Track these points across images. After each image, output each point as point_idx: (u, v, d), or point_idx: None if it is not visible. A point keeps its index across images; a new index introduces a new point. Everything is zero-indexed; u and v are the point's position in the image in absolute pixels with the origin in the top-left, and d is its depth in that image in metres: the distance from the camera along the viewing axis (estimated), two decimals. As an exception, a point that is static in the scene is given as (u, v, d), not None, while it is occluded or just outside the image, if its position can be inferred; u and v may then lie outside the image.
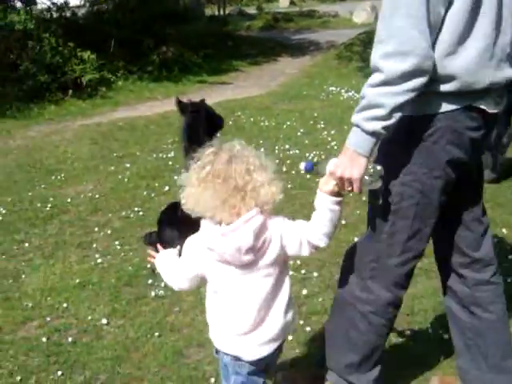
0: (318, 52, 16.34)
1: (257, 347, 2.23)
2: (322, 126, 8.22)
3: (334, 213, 2.23)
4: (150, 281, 4.20)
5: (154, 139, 8.09)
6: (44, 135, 8.61)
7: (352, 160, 2.19)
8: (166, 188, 6.08)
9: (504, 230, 4.66)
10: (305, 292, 3.94)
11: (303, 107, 9.23)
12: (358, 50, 14.43)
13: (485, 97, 2.25)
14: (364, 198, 5.35)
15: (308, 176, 6.14)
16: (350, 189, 2.23)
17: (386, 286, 2.57)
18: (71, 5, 15.95)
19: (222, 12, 24.53)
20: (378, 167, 2.26)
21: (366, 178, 2.23)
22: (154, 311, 3.86)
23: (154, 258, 2.43)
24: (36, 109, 10.31)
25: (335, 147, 7.11)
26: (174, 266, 2.33)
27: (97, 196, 5.97)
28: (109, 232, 5.08)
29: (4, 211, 5.69)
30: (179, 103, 4.54)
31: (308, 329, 3.56)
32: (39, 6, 14.08)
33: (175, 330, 3.66)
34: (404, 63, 2.04)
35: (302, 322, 3.62)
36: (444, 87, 2.19)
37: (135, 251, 4.71)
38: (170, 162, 6.93)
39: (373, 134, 2.15)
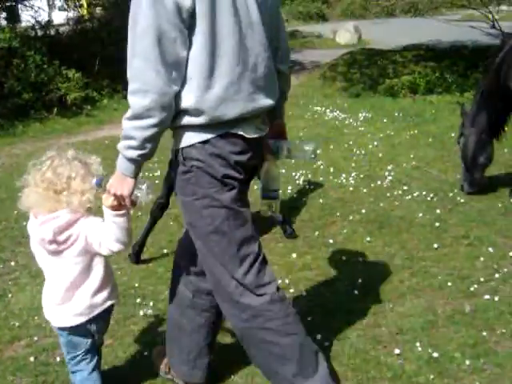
0: (301, 72, 16.40)
1: (66, 317, 2.80)
2: (308, 145, 8.21)
3: (117, 224, 2.61)
4: (138, 300, 4.18)
5: (140, 158, 8.05)
6: (28, 153, 8.55)
7: (121, 180, 2.50)
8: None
9: (490, 249, 4.69)
10: (294, 311, 3.94)
11: (288, 127, 9.07)
12: (342, 71, 14.51)
13: (243, 124, 2.52)
14: (351, 217, 5.40)
15: (295, 197, 6.17)
16: (126, 203, 2.56)
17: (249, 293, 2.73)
18: (55, 23, 15.96)
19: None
20: (146, 184, 2.60)
21: (138, 194, 2.58)
22: (143, 330, 3.84)
23: None
24: (21, 126, 10.28)
25: (321, 167, 7.14)
26: None
27: (83, 214, 5.93)
28: (96, 251, 5.05)
29: (-10, 229, 5.66)
30: None
31: (297, 348, 3.54)
32: (23, 24, 14.08)
33: (164, 349, 3.63)
34: (144, 100, 2.30)
35: (291, 341, 3.61)
36: (197, 120, 2.44)
37: (122, 270, 4.69)
38: (157, 181, 6.89)
39: (131, 160, 2.44)
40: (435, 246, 4.80)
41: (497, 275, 4.33)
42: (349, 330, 3.72)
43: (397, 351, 3.47)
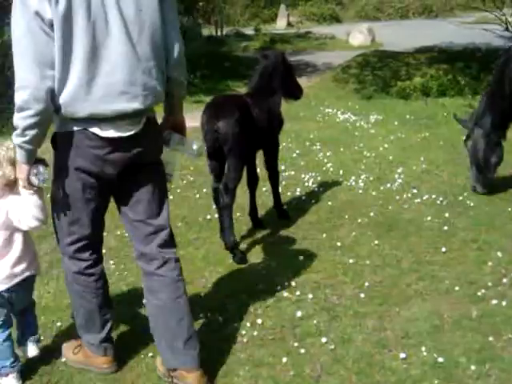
0: (314, 73, 16.38)
1: None
2: (318, 147, 8.22)
3: (30, 202, 3.03)
4: (144, 300, 4.17)
5: (150, 158, 8.06)
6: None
7: (19, 166, 2.97)
8: (162, 207, 6.06)
9: (499, 254, 4.67)
10: (299, 314, 3.93)
11: (299, 128, 9.24)
12: (355, 73, 14.50)
13: (100, 124, 2.89)
14: (359, 220, 5.38)
15: (304, 199, 6.17)
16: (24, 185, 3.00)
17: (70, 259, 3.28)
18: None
19: (219, 33, 24.66)
20: (40, 169, 2.98)
21: (33, 177, 2.96)
22: (148, 331, 3.82)
23: None
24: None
25: (331, 169, 7.12)
26: None
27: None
28: (104, 251, 5.04)
29: None
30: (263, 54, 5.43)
31: (302, 351, 3.55)
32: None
33: (169, 350, 3.63)
34: (23, 94, 2.72)
35: (296, 344, 3.62)
36: (61, 113, 2.85)
37: (130, 270, 4.69)
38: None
39: (19, 147, 2.87)
40: (443, 249, 4.78)
41: (505, 280, 4.31)
42: (354, 334, 3.71)
43: (402, 355, 3.45)
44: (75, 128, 2.90)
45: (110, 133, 2.91)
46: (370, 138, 8.69)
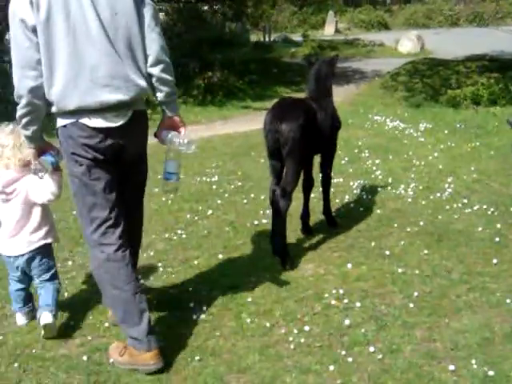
0: (362, 81, 16.31)
1: (12, 248, 3.86)
2: (367, 154, 8.17)
3: (47, 177, 3.70)
4: (191, 304, 4.20)
5: (198, 163, 8.12)
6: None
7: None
8: (210, 212, 6.11)
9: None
10: (347, 322, 3.89)
11: (348, 136, 9.19)
12: (404, 80, 14.37)
13: (89, 115, 3.27)
14: (408, 229, 5.32)
15: (353, 206, 6.13)
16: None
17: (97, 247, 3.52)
18: None
19: (267, 38, 24.72)
20: (47, 159, 3.55)
21: (37, 171, 3.59)
22: (195, 335, 3.85)
23: None
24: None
25: (380, 176, 7.06)
26: None
27: (140, 217, 6.01)
28: (151, 253, 5.11)
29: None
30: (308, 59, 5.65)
31: (350, 359, 3.51)
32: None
33: (216, 354, 3.64)
34: (15, 91, 3.23)
35: (343, 353, 3.58)
36: (54, 109, 3.30)
37: (177, 274, 4.72)
38: (214, 186, 6.96)
39: (25, 136, 3.48)
40: (494, 261, 4.69)
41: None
42: (403, 344, 3.65)
43: (451, 367, 3.38)
44: (69, 121, 3.31)
45: (99, 123, 3.30)
46: (419, 147, 8.59)
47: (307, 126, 4.71)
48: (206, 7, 17.72)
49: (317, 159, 5.43)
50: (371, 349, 3.58)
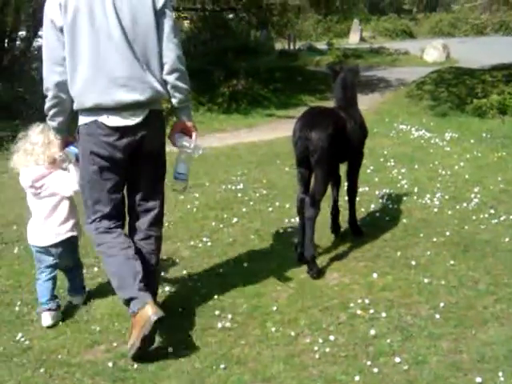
0: (387, 89, 16.27)
1: (40, 239, 4.15)
2: (392, 163, 8.14)
3: (72, 168, 4.02)
4: (216, 312, 4.20)
5: (224, 170, 8.16)
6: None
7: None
8: (235, 220, 6.12)
9: None
10: (372, 332, 3.87)
11: (373, 144, 9.16)
12: (430, 89, 14.30)
13: (107, 113, 3.57)
14: (435, 239, 5.28)
15: (378, 215, 6.11)
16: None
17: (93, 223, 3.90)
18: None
19: (292, 47, 24.75)
20: (71, 150, 3.89)
21: (61, 161, 3.95)
22: (220, 342, 3.85)
23: None
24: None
25: (405, 186, 7.03)
26: None
27: (166, 224, 6.02)
28: (177, 260, 5.13)
29: (75, 235, 5.82)
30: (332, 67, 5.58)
31: (375, 370, 3.48)
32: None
33: (241, 362, 3.63)
34: (43, 85, 3.65)
35: (369, 363, 3.55)
36: (75, 106, 3.65)
37: (202, 281, 4.73)
38: (239, 194, 6.97)
39: (52, 128, 3.87)
40: (521, 272, 4.65)
41: None
42: (429, 355, 3.62)
43: (478, 380, 3.34)
44: (89, 120, 3.62)
45: (117, 121, 3.59)
46: (445, 156, 8.54)
47: (336, 135, 4.72)
48: (231, 15, 17.80)
49: (343, 167, 5.42)
50: (397, 359, 3.56)
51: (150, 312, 3.53)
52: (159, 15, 3.60)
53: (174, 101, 3.79)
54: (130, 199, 3.98)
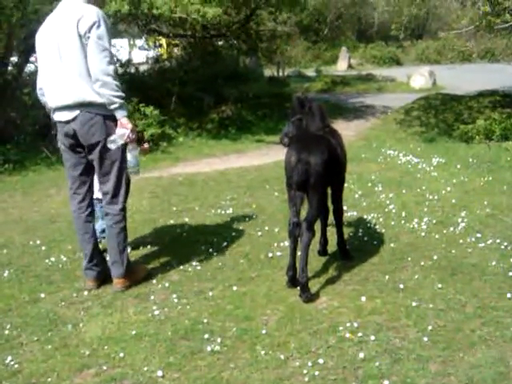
0: (375, 115, 16.40)
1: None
2: (380, 188, 8.20)
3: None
4: (206, 335, 4.21)
5: (213, 195, 8.20)
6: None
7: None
8: (224, 244, 6.14)
9: None
10: (361, 355, 3.89)
11: (361, 170, 9.26)
12: (417, 115, 14.44)
13: (57, 112, 4.84)
14: (422, 263, 5.32)
15: (366, 240, 6.14)
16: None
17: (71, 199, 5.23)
18: (135, 61, 16.45)
19: (281, 73, 24.92)
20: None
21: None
22: (210, 366, 3.85)
23: None
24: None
25: (393, 210, 7.09)
26: None
27: (155, 248, 6.06)
28: (166, 285, 5.13)
29: (64, 259, 5.83)
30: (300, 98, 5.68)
31: (364, 393, 3.50)
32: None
33: (230, 386, 3.64)
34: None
35: (357, 386, 3.57)
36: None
37: (192, 305, 4.73)
38: (229, 219, 7.00)
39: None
40: (508, 295, 4.68)
41: None
42: (417, 378, 3.65)
43: (466, 402, 3.38)
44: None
45: (57, 117, 4.85)
46: (432, 181, 8.63)
47: (330, 160, 4.81)
48: (221, 42, 17.92)
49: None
50: (385, 382, 3.58)
51: (87, 285, 5.17)
52: (85, 38, 4.55)
53: (107, 104, 4.67)
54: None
